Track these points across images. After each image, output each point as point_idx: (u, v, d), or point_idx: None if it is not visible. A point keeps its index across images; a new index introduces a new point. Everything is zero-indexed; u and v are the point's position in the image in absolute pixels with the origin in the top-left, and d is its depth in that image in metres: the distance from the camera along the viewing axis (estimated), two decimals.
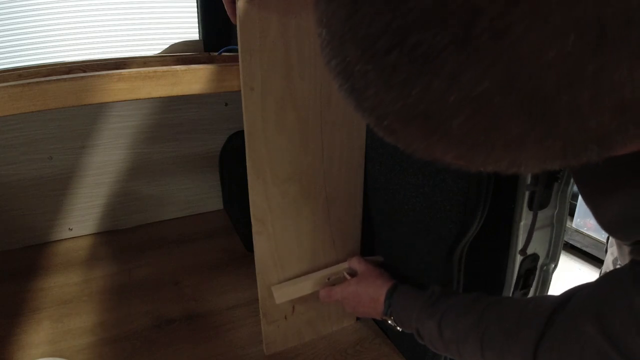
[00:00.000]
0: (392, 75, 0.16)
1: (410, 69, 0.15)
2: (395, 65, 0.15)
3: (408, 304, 0.54)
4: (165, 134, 1.01)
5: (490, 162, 0.17)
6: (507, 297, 0.43)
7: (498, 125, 0.15)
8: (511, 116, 0.15)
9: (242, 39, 0.49)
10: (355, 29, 0.16)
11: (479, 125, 0.15)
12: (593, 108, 0.14)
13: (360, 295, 0.61)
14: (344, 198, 0.66)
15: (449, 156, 0.18)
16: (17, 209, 0.95)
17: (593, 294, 0.36)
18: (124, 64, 0.78)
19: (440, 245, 0.56)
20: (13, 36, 0.87)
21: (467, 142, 0.16)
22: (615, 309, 0.33)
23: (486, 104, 0.15)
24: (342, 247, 0.70)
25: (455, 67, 0.14)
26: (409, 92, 0.15)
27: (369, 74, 0.16)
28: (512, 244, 0.57)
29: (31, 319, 0.76)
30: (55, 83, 0.48)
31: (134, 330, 0.74)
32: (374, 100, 0.17)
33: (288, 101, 0.55)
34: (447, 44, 0.14)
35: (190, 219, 1.14)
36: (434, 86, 0.15)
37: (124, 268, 0.92)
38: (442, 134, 0.16)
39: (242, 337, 0.73)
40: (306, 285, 0.66)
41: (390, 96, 0.16)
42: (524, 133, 0.15)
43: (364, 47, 0.16)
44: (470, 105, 0.15)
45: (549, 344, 0.37)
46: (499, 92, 0.14)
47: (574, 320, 0.36)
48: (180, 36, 1.00)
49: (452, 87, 0.14)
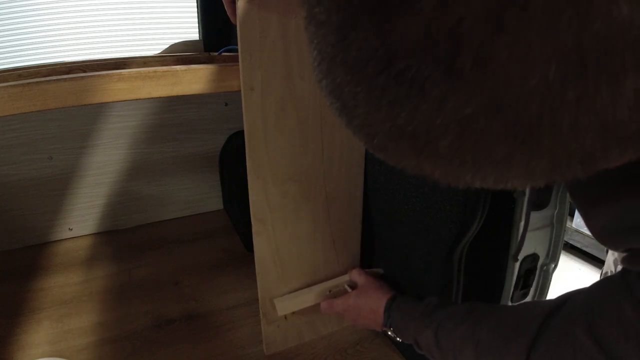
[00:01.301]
0: (381, 97, 0.16)
1: (398, 92, 0.15)
2: (384, 88, 0.16)
3: (406, 314, 0.55)
4: (165, 134, 1.01)
5: (477, 179, 0.18)
6: (502, 305, 0.45)
7: (484, 146, 0.16)
8: (496, 139, 0.15)
9: (242, 39, 0.49)
10: (344, 53, 0.16)
11: (466, 146, 0.16)
12: (575, 131, 0.15)
13: (360, 308, 0.62)
14: (344, 198, 0.66)
15: (437, 173, 0.18)
16: (17, 209, 0.95)
17: (585, 300, 0.37)
18: (124, 64, 0.79)
19: (440, 245, 0.56)
20: (13, 36, 0.87)
21: (454, 161, 0.17)
22: (606, 316, 0.34)
23: (472, 127, 0.15)
24: (342, 247, 0.70)
25: (441, 93, 0.15)
26: (398, 113, 0.16)
27: (358, 95, 0.17)
28: (511, 244, 0.57)
29: (31, 319, 0.76)
30: (55, 83, 0.48)
31: (134, 330, 0.74)
32: (364, 119, 0.18)
33: (288, 101, 0.55)
34: (433, 71, 0.14)
35: (190, 219, 1.14)
36: (422, 109, 0.15)
37: (124, 268, 0.92)
38: (429, 152, 0.17)
39: (242, 337, 0.73)
40: (308, 298, 0.67)
41: (379, 116, 0.17)
42: (509, 154, 0.16)
43: (353, 70, 0.16)
44: (456, 128, 0.15)
45: (543, 348, 0.38)
46: (484, 116, 0.15)
47: (567, 326, 0.37)
48: (180, 36, 1.00)
49: (439, 110, 0.15)
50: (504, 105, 0.14)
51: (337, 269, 0.71)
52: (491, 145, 0.16)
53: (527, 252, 0.59)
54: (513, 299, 0.61)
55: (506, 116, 0.14)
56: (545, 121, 0.14)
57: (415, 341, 0.53)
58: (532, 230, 0.57)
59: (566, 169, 0.16)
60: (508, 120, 0.15)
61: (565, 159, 0.16)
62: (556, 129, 0.14)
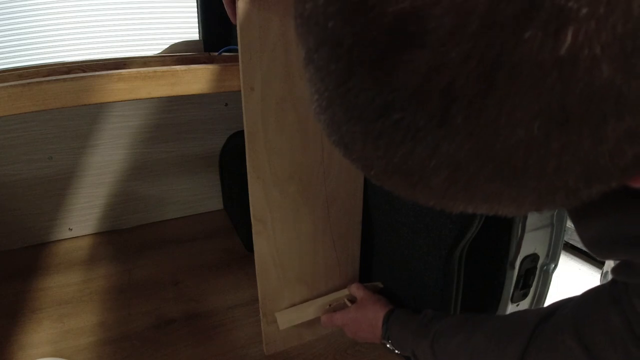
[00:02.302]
0: (377, 139, 0.17)
1: (393, 137, 0.17)
2: (381, 132, 0.17)
3: (403, 327, 0.57)
4: (165, 134, 1.01)
5: (470, 209, 0.19)
6: (495, 315, 0.47)
7: (474, 185, 0.17)
8: (485, 180, 0.17)
9: (242, 39, 0.49)
10: (342, 97, 0.17)
11: (458, 184, 0.17)
12: (559, 174, 0.16)
13: (359, 321, 0.64)
14: (344, 198, 0.66)
15: (431, 202, 0.20)
16: (17, 209, 0.95)
17: (575, 309, 0.39)
18: (124, 64, 0.78)
19: (440, 245, 0.56)
20: (13, 36, 0.87)
21: (446, 195, 0.18)
22: (594, 324, 0.36)
23: (462, 170, 0.16)
24: (342, 247, 0.70)
25: (434, 140, 0.16)
26: (393, 154, 0.17)
27: (356, 134, 0.18)
28: (511, 244, 0.57)
29: (31, 319, 0.76)
30: (55, 83, 0.48)
31: (134, 330, 0.74)
32: (361, 155, 0.19)
33: (288, 101, 0.55)
34: (427, 122, 0.15)
35: (190, 219, 1.14)
36: (416, 152, 0.16)
37: (124, 268, 0.92)
38: (423, 187, 0.18)
39: (242, 337, 0.73)
40: (309, 312, 0.69)
41: (375, 154, 0.18)
42: (498, 192, 0.17)
43: (351, 113, 0.17)
44: (448, 169, 0.17)
45: (534, 354, 0.40)
46: (474, 162, 0.16)
47: (557, 333, 0.39)
48: (180, 36, 1.00)
49: (432, 155, 0.16)
50: (491, 154, 0.15)
51: (337, 269, 0.71)
52: (481, 184, 0.17)
53: (527, 252, 0.59)
54: (513, 298, 0.61)
55: (495, 162, 0.16)
56: (531, 166, 0.16)
57: (412, 353, 0.55)
58: (532, 231, 0.57)
59: (552, 202, 0.18)
60: (496, 165, 0.16)
61: (551, 194, 0.17)
62: (541, 172, 0.16)
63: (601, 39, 0.13)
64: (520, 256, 0.58)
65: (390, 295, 0.70)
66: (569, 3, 0.12)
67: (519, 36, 0.13)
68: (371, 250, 0.73)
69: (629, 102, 0.14)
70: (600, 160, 0.15)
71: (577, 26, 0.13)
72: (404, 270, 0.65)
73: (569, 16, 0.12)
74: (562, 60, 0.13)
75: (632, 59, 0.13)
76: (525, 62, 0.13)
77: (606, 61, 0.13)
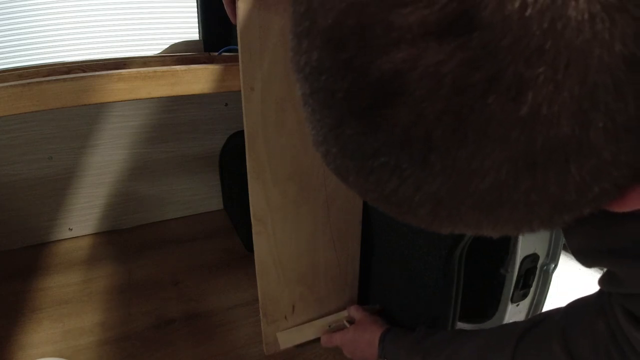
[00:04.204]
0: (368, 175, 0.19)
1: (382, 175, 0.18)
2: (372, 170, 0.19)
3: (398, 345, 0.60)
4: (165, 134, 1.01)
5: (457, 231, 0.21)
6: (483, 329, 0.50)
7: (456, 215, 0.19)
8: (466, 211, 0.18)
9: (242, 39, 0.48)
10: (336, 139, 0.19)
11: (441, 214, 0.19)
12: (531, 209, 0.18)
13: (357, 341, 0.66)
14: (344, 198, 0.66)
15: (421, 225, 0.22)
16: (17, 209, 0.95)
17: (563, 316, 0.41)
18: (124, 64, 0.78)
19: (440, 245, 0.56)
20: (13, 36, 0.87)
21: (433, 222, 0.20)
22: (580, 332, 0.38)
23: (445, 204, 0.18)
24: (342, 247, 0.70)
25: (417, 180, 0.18)
26: (382, 188, 0.19)
27: (350, 168, 0.20)
28: (511, 244, 0.57)
29: (31, 319, 0.76)
30: (55, 83, 0.48)
31: (134, 330, 0.74)
32: (355, 184, 0.21)
33: (288, 101, 0.55)
34: (410, 165, 0.17)
35: (190, 219, 1.14)
36: (402, 189, 0.18)
37: (124, 268, 0.92)
38: (412, 216, 0.20)
39: (242, 337, 0.73)
40: (309, 332, 0.71)
41: (366, 187, 0.20)
42: (478, 220, 0.19)
43: (344, 152, 0.19)
44: (432, 203, 0.18)
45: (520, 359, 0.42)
46: (454, 197, 0.18)
47: (545, 340, 0.40)
48: (180, 36, 1.00)
49: (416, 192, 0.18)
50: (469, 192, 0.17)
51: (337, 269, 0.71)
52: (462, 215, 0.19)
53: (527, 252, 0.59)
54: (513, 298, 0.61)
55: (472, 197, 0.17)
56: (504, 202, 0.17)
57: None
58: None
59: (529, 228, 0.19)
60: (474, 202, 0.18)
61: (527, 223, 0.19)
62: (514, 207, 0.17)
63: (559, 100, 0.14)
64: (520, 256, 0.58)
65: (391, 296, 0.70)
66: (527, 71, 0.14)
67: (484, 100, 0.15)
68: (371, 250, 0.73)
69: (588, 147, 0.15)
70: (567, 197, 0.17)
71: (536, 91, 0.14)
72: (404, 270, 0.65)
73: (528, 83, 0.14)
74: (523, 119, 0.15)
75: (589, 115, 0.14)
76: (491, 120, 0.15)
77: (565, 117, 0.15)
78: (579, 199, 0.17)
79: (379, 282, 0.75)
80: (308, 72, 0.19)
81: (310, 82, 0.19)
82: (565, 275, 1.63)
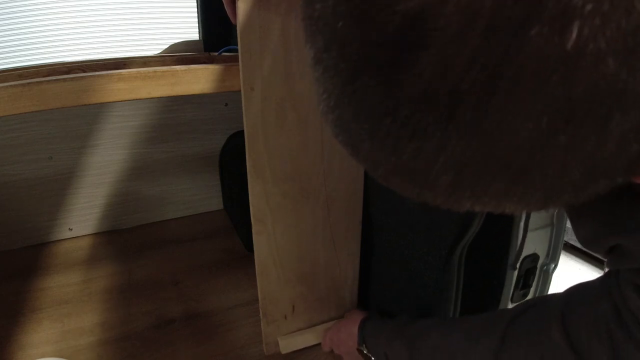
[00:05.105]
0: (385, 138, 0.17)
1: (402, 135, 0.17)
2: (389, 131, 0.17)
3: (377, 330, 0.59)
4: (165, 134, 1.01)
5: (477, 207, 0.19)
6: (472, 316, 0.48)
7: (481, 183, 0.17)
8: (493, 178, 0.17)
9: (242, 39, 0.48)
10: (351, 96, 0.17)
11: (464, 183, 0.17)
12: (566, 170, 0.16)
13: (340, 331, 0.66)
14: (344, 198, 0.66)
15: (438, 201, 0.19)
16: (17, 209, 0.95)
17: (563, 299, 0.39)
18: (124, 64, 0.78)
19: (440, 245, 0.56)
20: (13, 36, 0.87)
21: (453, 194, 0.18)
22: (580, 316, 0.36)
23: (470, 168, 0.16)
24: (342, 247, 0.70)
25: (442, 138, 0.16)
26: (401, 152, 0.17)
27: (364, 133, 0.18)
28: (512, 244, 0.57)
29: (31, 319, 0.76)
30: (55, 83, 0.48)
31: (134, 330, 0.74)
32: (368, 154, 0.19)
33: (288, 101, 0.55)
34: (435, 120, 0.15)
35: (190, 219, 1.14)
36: (424, 151, 0.17)
37: (124, 268, 0.92)
38: (431, 186, 0.18)
39: (242, 337, 0.73)
40: (311, 337, 0.71)
41: (383, 154, 0.18)
42: (505, 189, 0.17)
43: (360, 111, 0.17)
44: (456, 167, 0.17)
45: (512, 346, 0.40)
46: (481, 161, 0.16)
47: (539, 323, 0.39)
48: (180, 36, 1.00)
49: (439, 153, 0.16)
50: (498, 152, 0.16)
51: (337, 269, 0.71)
52: (488, 182, 0.17)
53: (527, 252, 0.59)
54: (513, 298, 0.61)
55: (500, 161, 0.16)
56: (537, 164, 0.16)
57: (385, 356, 0.56)
58: (532, 230, 0.57)
59: (558, 198, 0.18)
60: (503, 163, 0.16)
61: (557, 191, 0.17)
62: (548, 169, 0.16)
63: (606, 34, 0.13)
64: (520, 256, 0.58)
65: (391, 296, 0.70)
66: (573, 1, 0.13)
67: (525, 34, 0.13)
68: (371, 250, 0.73)
69: (633, 97, 0.14)
70: (606, 155, 0.15)
71: (582, 22, 0.13)
72: (404, 270, 0.65)
73: (574, 13, 0.13)
74: (568, 55, 0.13)
75: (635, 54, 0.13)
76: (532, 59, 0.13)
77: (611, 55, 0.13)
78: (616, 159, 0.16)
79: (379, 282, 0.75)
80: (323, 23, 0.17)
81: (324, 34, 0.17)
82: (565, 275, 1.63)
